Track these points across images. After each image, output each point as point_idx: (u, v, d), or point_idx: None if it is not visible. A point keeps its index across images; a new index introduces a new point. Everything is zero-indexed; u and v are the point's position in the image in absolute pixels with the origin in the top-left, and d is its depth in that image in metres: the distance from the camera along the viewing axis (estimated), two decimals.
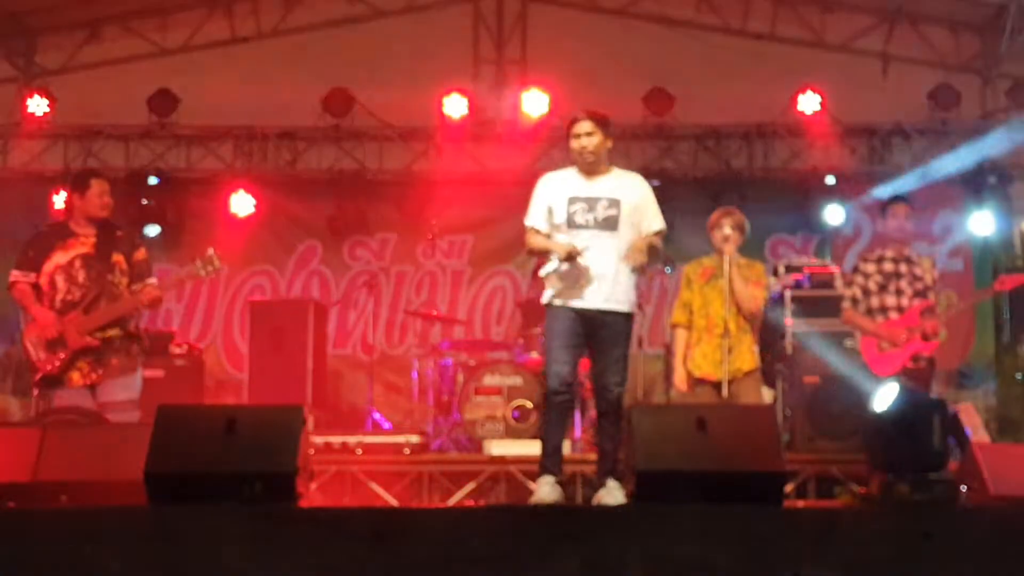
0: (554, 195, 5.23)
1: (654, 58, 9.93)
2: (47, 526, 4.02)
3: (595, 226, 5.14)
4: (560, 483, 5.12)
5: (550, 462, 5.14)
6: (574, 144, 5.24)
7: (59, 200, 9.19)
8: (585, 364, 8.25)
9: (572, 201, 5.18)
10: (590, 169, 5.24)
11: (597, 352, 5.21)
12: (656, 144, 9.93)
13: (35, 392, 5.94)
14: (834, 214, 9.62)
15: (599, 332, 5.15)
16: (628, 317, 5.25)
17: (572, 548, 3.91)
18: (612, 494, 4.99)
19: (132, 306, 5.63)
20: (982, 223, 9.58)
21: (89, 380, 5.52)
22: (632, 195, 5.26)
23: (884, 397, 5.22)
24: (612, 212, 5.17)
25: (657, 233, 5.31)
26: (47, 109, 9.71)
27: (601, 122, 5.27)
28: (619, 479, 5.00)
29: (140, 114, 9.77)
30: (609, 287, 5.13)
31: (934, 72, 9.80)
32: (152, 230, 9.49)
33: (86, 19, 9.98)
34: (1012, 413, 9.15)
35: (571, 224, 5.16)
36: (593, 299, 5.13)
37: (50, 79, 10.00)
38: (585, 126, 5.22)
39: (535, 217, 5.28)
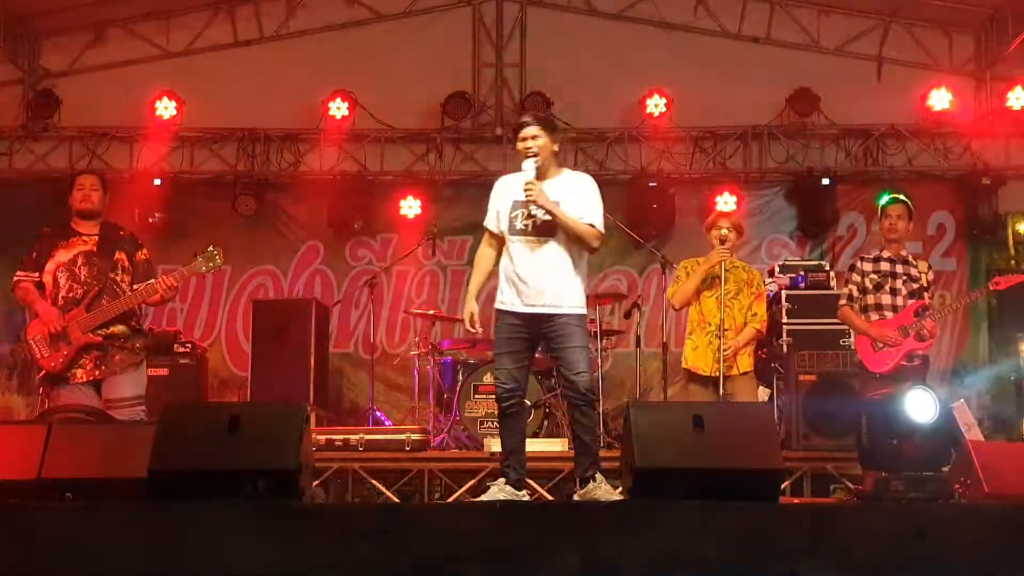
0: (502, 199, 5.27)
1: (651, 60, 10.00)
2: (52, 523, 4.06)
3: (533, 232, 5.15)
4: (517, 483, 5.14)
5: (505, 465, 5.19)
6: (520, 147, 5.24)
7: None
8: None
9: (514, 206, 5.20)
10: (538, 172, 5.21)
11: (554, 350, 5.20)
12: (653, 146, 9.99)
13: (40, 390, 5.99)
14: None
15: (549, 332, 5.14)
16: (582, 317, 5.22)
17: (571, 544, 3.96)
18: (602, 488, 5.03)
19: (135, 303, 5.67)
20: (975, 223, 9.65)
21: (92, 377, 5.55)
22: (570, 195, 5.20)
23: (921, 407, 5.07)
24: (549, 216, 5.14)
25: (590, 225, 5.17)
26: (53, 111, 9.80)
27: (546, 124, 5.29)
28: (603, 472, 5.05)
29: (144, 116, 9.81)
30: (553, 291, 5.13)
31: (928, 74, 9.85)
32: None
33: (90, 22, 10.03)
34: (1005, 411, 9.22)
35: (511, 230, 5.20)
36: (537, 302, 5.14)
37: (55, 81, 10.07)
38: (531, 129, 5.22)
39: (489, 219, 5.36)
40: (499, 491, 5.10)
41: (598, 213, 5.20)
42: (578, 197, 5.19)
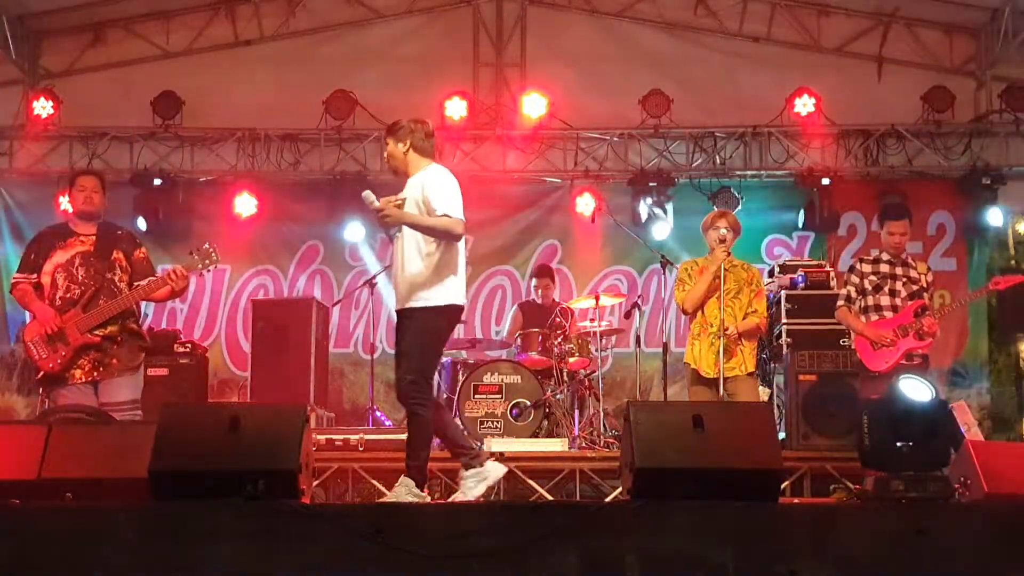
0: None
1: (652, 60, 10.00)
2: (52, 523, 4.06)
3: (394, 230, 5.24)
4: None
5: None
6: None
7: (64, 201, 9.26)
8: (583, 363, 8.35)
9: None
10: (402, 175, 5.34)
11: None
12: (653, 145, 9.99)
13: (39, 391, 5.98)
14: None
15: (400, 331, 5.21)
16: (423, 310, 5.13)
17: (570, 543, 3.98)
18: (396, 491, 5.02)
19: (132, 302, 5.66)
20: (975, 223, 9.66)
21: (91, 378, 5.54)
22: (414, 190, 5.22)
23: (916, 391, 5.07)
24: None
25: (444, 216, 5.12)
26: (52, 111, 9.78)
27: (388, 132, 5.41)
28: (413, 478, 5.03)
29: (144, 116, 9.83)
30: (403, 288, 5.18)
31: (928, 75, 9.85)
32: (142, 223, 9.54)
33: (90, 22, 10.03)
34: (1005, 411, 9.24)
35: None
36: (396, 300, 5.26)
37: (55, 81, 10.05)
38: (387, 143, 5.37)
39: None
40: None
41: (447, 201, 5.13)
42: (425, 192, 5.17)
